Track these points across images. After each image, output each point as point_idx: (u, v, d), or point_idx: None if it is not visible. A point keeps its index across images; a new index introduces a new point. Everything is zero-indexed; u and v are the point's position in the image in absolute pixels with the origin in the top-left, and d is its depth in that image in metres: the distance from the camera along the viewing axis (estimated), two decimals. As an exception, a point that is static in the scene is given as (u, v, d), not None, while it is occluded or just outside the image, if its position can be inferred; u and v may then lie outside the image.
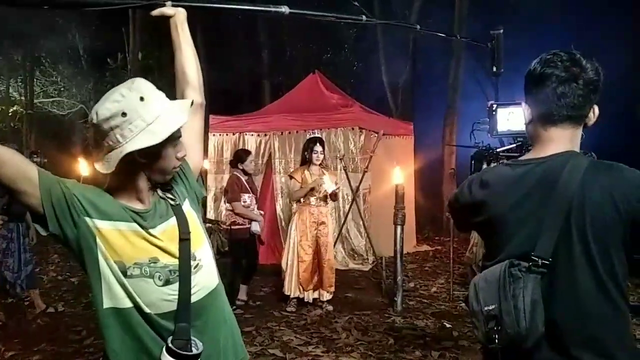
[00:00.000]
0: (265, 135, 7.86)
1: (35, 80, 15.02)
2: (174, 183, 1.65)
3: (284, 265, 5.50)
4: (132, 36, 11.38)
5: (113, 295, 1.47)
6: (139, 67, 11.45)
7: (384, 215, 7.67)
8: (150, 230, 1.51)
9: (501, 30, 2.31)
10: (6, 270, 5.02)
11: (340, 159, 7.24)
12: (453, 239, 6.20)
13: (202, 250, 1.62)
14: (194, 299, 1.54)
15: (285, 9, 1.88)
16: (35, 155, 4.84)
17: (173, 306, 1.51)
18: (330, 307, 5.40)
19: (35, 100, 14.95)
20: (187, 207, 1.65)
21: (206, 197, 8.05)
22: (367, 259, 7.52)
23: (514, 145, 2.14)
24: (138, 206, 1.53)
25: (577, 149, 1.45)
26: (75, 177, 7.52)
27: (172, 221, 1.57)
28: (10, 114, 13.85)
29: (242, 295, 5.56)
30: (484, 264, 1.51)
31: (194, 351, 1.51)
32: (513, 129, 2.20)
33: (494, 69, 2.38)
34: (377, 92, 13.05)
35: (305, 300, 5.39)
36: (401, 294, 5.38)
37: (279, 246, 7.59)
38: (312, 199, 5.37)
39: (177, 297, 1.51)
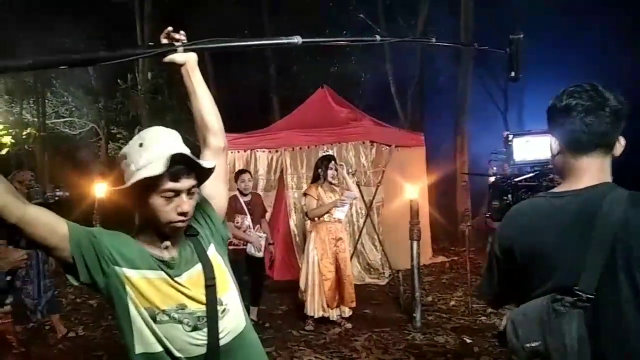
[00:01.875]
0: (277, 151, 7.88)
1: (46, 101, 15.20)
2: (199, 227, 1.67)
3: (302, 286, 5.47)
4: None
5: (144, 341, 1.49)
6: (149, 87, 11.55)
7: (398, 228, 7.64)
8: (177, 279, 1.54)
9: (521, 35, 2.29)
10: (26, 297, 5.05)
11: (353, 174, 7.24)
12: (469, 250, 6.15)
13: (228, 294, 1.64)
14: (222, 342, 1.57)
15: (297, 39, 1.86)
16: (58, 190, 4.91)
17: (202, 350, 1.53)
18: (349, 325, 5.37)
19: (47, 121, 15.13)
20: (212, 252, 1.67)
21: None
22: (383, 273, 7.49)
23: (532, 174, 2.15)
24: (162, 253, 1.57)
25: (609, 179, 1.45)
26: (91, 199, 7.60)
27: (198, 267, 1.60)
28: (24, 137, 14.01)
29: (253, 316, 5.51)
30: (518, 298, 1.50)
31: None
32: (529, 158, 2.21)
33: (513, 74, 2.35)
34: (386, 103, 13.08)
35: (331, 318, 5.36)
36: (420, 310, 5.35)
37: (294, 262, 7.59)
38: (326, 216, 5.38)
39: (206, 341, 1.53)
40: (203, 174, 1.58)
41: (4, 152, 12.76)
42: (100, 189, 7.59)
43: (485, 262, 1.64)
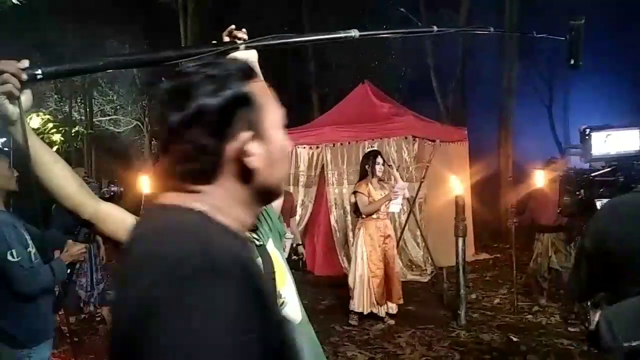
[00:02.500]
0: (317, 147, 7.89)
1: (93, 100, 15.73)
2: (257, 223, 1.70)
3: (351, 283, 5.47)
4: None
5: None
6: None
7: (441, 224, 7.55)
8: None
9: (582, 21, 2.20)
10: (80, 289, 5.24)
11: (395, 169, 7.19)
12: (514, 247, 6.01)
13: (286, 288, 1.66)
14: None
15: (355, 33, 1.85)
16: (113, 185, 5.07)
17: None
18: (392, 322, 5.35)
19: (93, 119, 15.67)
20: (270, 247, 1.69)
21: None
22: (426, 269, 7.42)
23: (608, 169, 2.07)
24: None
25: None
26: (138, 195, 7.79)
27: (258, 262, 1.62)
28: (73, 134, 14.54)
29: None
30: (609, 296, 1.45)
31: None
32: (611, 152, 2.13)
33: (573, 62, 2.26)
34: (427, 98, 12.91)
35: (379, 314, 5.36)
36: (465, 307, 5.28)
37: (335, 258, 7.61)
38: (379, 213, 5.37)
39: None
40: None
41: (54, 149, 13.27)
42: (146, 185, 7.78)
43: (573, 260, 1.60)
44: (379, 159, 5.45)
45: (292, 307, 1.66)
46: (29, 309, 2.53)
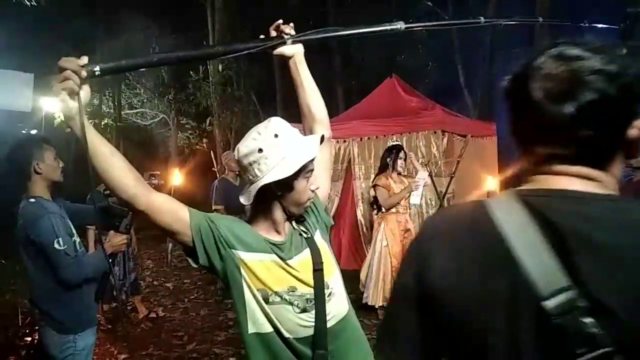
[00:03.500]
0: (345, 141, 7.88)
1: (121, 93, 15.97)
2: (305, 214, 1.72)
3: (363, 277, 5.50)
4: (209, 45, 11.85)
5: (256, 321, 1.56)
6: (219, 79, 11.86)
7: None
8: (288, 262, 1.60)
9: None
10: (113, 278, 5.35)
11: (425, 164, 7.14)
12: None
13: (334, 278, 1.69)
14: (328, 325, 1.60)
15: (401, 25, 1.84)
16: (153, 178, 5.12)
17: (310, 332, 1.58)
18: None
19: (121, 112, 15.92)
20: (318, 238, 1.72)
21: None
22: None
23: None
24: (276, 238, 1.64)
25: None
26: (167, 188, 7.92)
27: (306, 252, 1.65)
28: (102, 127, 14.80)
29: None
30: None
31: None
32: None
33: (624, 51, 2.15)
34: (454, 93, 12.78)
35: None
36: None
37: (361, 252, 7.60)
38: (399, 207, 5.35)
39: (313, 323, 1.58)
40: None
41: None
42: (176, 177, 7.91)
43: None
44: (401, 154, 5.45)
45: (339, 298, 1.68)
46: (74, 296, 2.59)
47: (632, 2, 2.12)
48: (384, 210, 5.41)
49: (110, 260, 2.83)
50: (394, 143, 6.33)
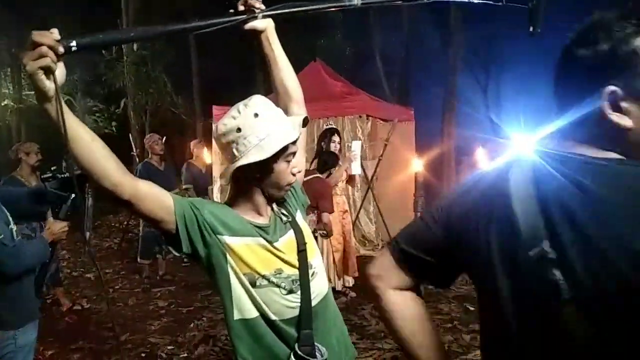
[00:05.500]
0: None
1: (22, 72, 14.68)
2: (286, 196, 1.72)
3: None
4: (125, 26, 11.16)
5: (241, 307, 1.55)
6: (134, 59, 11.27)
7: (391, 201, 7.80)
8: (274, 244, 1.59)
9: None
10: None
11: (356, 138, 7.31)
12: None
13: (316, 258, 1.71)
14: (312, 304, 1.63)
15: (357, 1, 1.86)
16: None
17: (295, 312, 1.60)
18: (353, 294, 5.52)
19: (22, 93, 14.67)
20: (299, 219, 1.73)
21: (212, 189, 8.06)
22: (378, 244, 7.64)
23: None
24: (259, 220, 1.62)
25: None
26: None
27: (290, 234, 1.66)
28: (2, 107, 13.55)
29: None
30: None
31: (319, 357, 1.60)
32: None
33: (531, 28, 2.35)
34: (372, 78, 13.08)
35: (337, 288, 5.48)
36: (423, 279, 5.50)
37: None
38: (336, 189, 5.45)
39: (299, 304, 1.60)
40: None
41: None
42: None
43: None
44: (336, 137, 5.54)
45: (321, 277, 1.71)
46: (13, 289, 2.42)
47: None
48: None
49: (50, 249, 2.66)
50: (329, 126, 6.40)
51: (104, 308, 5.43)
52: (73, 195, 2.63)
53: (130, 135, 8.48)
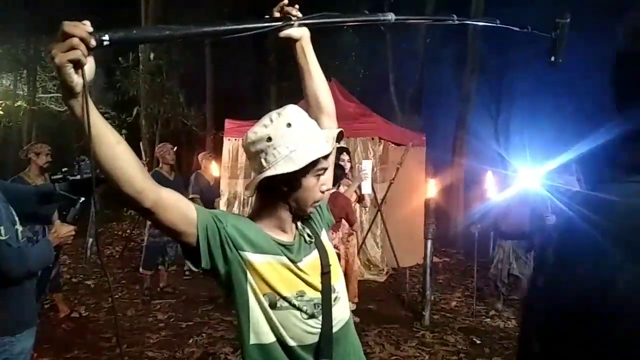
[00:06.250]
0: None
1: (37, 74, 14.81)
2: (311, 213, 1.63)
3: None
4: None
5: (259, 331, 1.45)
6: (149, 68, 11.31)
7: (399, 226, 7.70)
8: (298, 264, 1.50)
9: (568, 20, 2.26)
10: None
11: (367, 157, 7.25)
12: (477, 253, 6.22)
13: (339, 282, 1.61)
14: (333, 330, 1.53)
15: (391, 17, 1.83)
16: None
17: (315, 339, 1.50)
18: (357, 319, 5.38)
19: (36, 96, 14.76)
20: (324, 238, 1.64)
21: (219, 201, 8.00)
22: (383, 269, 7.52)
23: None
24: (283, 237, 1.53)
25: None
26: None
27: (315, 254, 1.57)
28: (16, 107, 13.59)
29: None
30: None
31: None
32: None
33: (553, 59, 2.31)
34: (384, 102, 13.08)
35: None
36: (429, 309, 5.38)
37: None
38: None
39: (319, 330, 1.50)
40: None
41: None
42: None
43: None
44: (345, 156, 5.47)
45: (343, 303, 1.61)
46: (13, 293, 2.33)
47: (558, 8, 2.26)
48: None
49: (55, 253, 2.58)
50: (340, 146, 6.34)
51: (102, 317, 5.32)
52: (82, 199, 2.57)
53: (140, 144, 8.45)
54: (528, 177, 5.60)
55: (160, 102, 11.57)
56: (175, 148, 6.51)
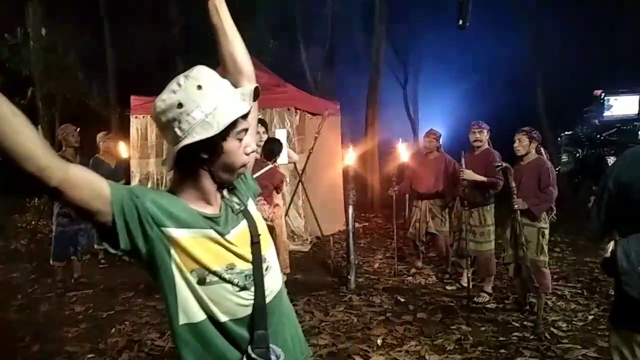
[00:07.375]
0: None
1: None
2: (236, 182, 1.56)
3: None
4: (31, 9, 10.24)
5: (188, 310, 1.38)
6: (43, 44, 10.39)
7: (320, 195, 7.78)
8: (226, 236, 1.43)
9: None
10: None
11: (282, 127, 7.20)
12: (395, 216, 6.43)
13: (270, 251, 1.56)
14: (267, 300, 1.50)
15: None
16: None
17: (248, 311, 1.45)
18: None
19: None
20: (251, 207, 1.58)
21: (130, 184, 7.65)
22: (307, 239, 7.59)
23: (614, 130, 2.46)
24: (208, 210, 1.44)
25: None
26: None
27: (243, 224, 1.50)
28: None
29: None
30: (622, 229, 1.82)
31: (274, 359, 1.48)
32: (617, 114, 2.56)
33: (460, 22, 2.40)
34: (296, 70, 12.98)
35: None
36: (354, 272, 5.52)
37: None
38: None
39: (252, 302, 1.45)
40: None
41: None
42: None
43: (589, 202, 1.96)
44: (260, 128, 5.39)
45: (275, 273, 1.57)
46: None
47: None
48: None
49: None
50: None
51: (11, 316, 4.95)
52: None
53: (39, 127, 7.80)
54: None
55: (58, 81, 10.71)
56: (79, 129, 6.05)
